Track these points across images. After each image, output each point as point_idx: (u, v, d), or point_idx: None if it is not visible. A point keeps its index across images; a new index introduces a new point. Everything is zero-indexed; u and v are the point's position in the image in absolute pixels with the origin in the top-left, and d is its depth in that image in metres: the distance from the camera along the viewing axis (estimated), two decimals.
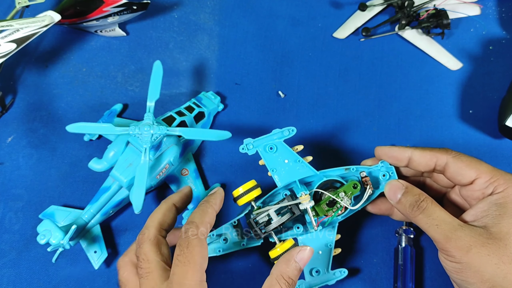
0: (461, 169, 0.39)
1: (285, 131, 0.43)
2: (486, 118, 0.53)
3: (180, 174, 0.49)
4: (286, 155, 0.43)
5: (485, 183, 0.38)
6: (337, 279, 0.43)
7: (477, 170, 0.38)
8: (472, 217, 0.37)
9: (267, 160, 0.43)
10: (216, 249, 0.43)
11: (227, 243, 0.44)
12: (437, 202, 0.39)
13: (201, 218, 0.38)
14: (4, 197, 0.49)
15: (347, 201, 0.41)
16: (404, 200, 0.40)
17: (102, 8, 0.53)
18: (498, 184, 0.37)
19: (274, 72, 0.56)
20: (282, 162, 0.43)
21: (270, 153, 0.43)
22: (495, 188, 0.37)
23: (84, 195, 0.49)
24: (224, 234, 0.44)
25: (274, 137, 0.43)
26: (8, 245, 0.48)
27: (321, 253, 0.43)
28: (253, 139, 0.43)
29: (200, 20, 0.59)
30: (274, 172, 0.43)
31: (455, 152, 0.40)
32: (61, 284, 0.46)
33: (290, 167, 0.43)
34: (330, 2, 0.60)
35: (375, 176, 0.43)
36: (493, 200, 0.37)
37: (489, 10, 0.59)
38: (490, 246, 0.35)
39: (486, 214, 0.37)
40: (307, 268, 0.43)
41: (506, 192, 0.37)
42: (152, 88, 0.46)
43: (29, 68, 0.56)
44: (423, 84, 0.55)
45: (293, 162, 0.43)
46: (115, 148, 0.46)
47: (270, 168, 0.43)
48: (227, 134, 0.44)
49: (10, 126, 0.53)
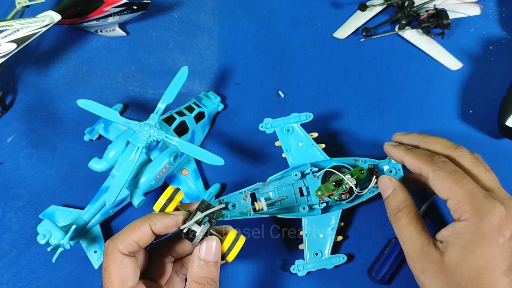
0: (436, 186, 0.37)
1: (302, 116, 0.47)
2: (486, 118, 0.53)
3: (180, 174, 0.49)
4: (301, 138, 0.46)
5: (454, 206, 0.36)
6: (335, 264, 0.45)
7: (449, 192, 0.36)
8: (441, 237, 0.37)
9: (283, 141, 0.46)
10: (224, 214, 0.44)
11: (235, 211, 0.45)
12: (417, 213, 0.39)
13: (127, 235, 0.35)
14: (4, 197, 0.49)
15: (353, 182, 0.43)
16: (388, 202, 0.41)
17: (102, 8, 0.53)
18: (463, 211, 0.35)
19: (274, 72, 0.56)
20: (297, 144, 0.46)
21: (287, 135, 0.47)
22: (460, 215, 0.36)
23: (84, 195, 0.49)
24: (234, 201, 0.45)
25: (292, 120, 0.47)
26: (8, 245, 0.48)
27: (322, 236, 0.45)
28: (272, 119, 0.47)
29: (200, 20, 0.59)
30: (288, 153, 0.46)
31: (438, 164, 0.38)
32: (61, 283, 0.46)
33: (303, 150, 0.46)
34: (330, 2, 0.60)
35: (382, 169, 0.45)
36: (456, 227, 0.36)
37: (489, 10, 0.59)
38: (438, 275, 0.35)
39: (447, 240, 0.36)
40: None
41: (468, 222, 0.35)
42: (169, 90, 0.46)
43: (29, 68, 0.56)
44: (423, 84, 0.55)
45: (307, 145, 0.46)
46: (115, 148, 0.46)
47: (284, 148, 0.46)
48: (220, 160, 0.43)
49: (10, 126, 0.53)
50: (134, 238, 0.35)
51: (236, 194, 0.46)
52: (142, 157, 0.45)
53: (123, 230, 0.36)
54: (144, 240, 0.35)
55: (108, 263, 0.35)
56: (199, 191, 0.49)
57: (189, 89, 0.55)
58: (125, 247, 0.35)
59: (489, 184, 0.38)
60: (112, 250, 0.35)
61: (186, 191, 0.48)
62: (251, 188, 0.46)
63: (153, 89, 0.55)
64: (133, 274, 0.35)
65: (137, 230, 0.35)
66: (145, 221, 0.35)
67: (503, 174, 0.50)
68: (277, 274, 0.47)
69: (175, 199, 0.37)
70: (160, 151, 0.46)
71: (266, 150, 0.52)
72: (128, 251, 0.35)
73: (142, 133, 0.43)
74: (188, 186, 0.49)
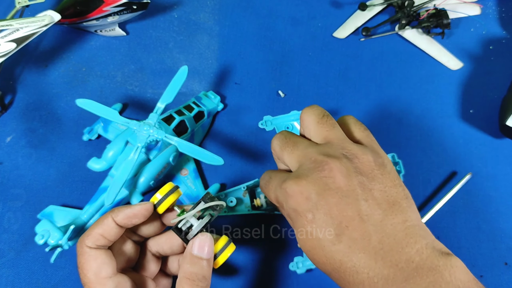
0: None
1: None
2: (486, 117, 0.53)
3: (179, 174, 0.49)
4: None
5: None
6: None
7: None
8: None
9: None
10: (223, 210, 0.45)
11: (233, 206, 0.45)
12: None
13: (92, 230, 0.36)
14: (3, 197, 0.49)
15: None
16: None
17: (102, 8, 0.53)
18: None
19: (274, 71, 0.56)
20: None
21: None
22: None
23: (83, 195, 0.49)
24: (233, 197, 0.46)
25: (291, 117, 0.47)
26: (7, 245, 0.47)
27: None
28: (272, 116, 0.47)
29: (200, 20, 0.59)
30: None
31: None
32: (60, 284, 0.46)
33: None
34: (330, 2, 0.60)
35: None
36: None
37: (489, 10, 0.59)
38: None
39: None
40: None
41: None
42: (169, 90, 0.46)
43: (28, 67, 0.56)
44: (423, 83, 0.55)
45: None
46: (114, 148, 0.45)
47: None
48: (219, 160, 0.43)
49: (9, 125, 0.53)
50: (99, 231, 0.35)
51: (235, 189, 0.46)
52: (141, 156, 0.45)
53: (91, 227, 0.36)
54: (110, 232, 0.35)
55: (80, 259, 0.35)
56: (198, 191, 0.48)
57: (188, 88, 0.55)
58: (91, 241, 0.35)
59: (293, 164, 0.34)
60: (80, 246, 0.35)
61: (186, 191, 0.48)
62: (250, 183, 0.46)
63: (153, 88, 0.55)
64: (106, 265, 0.35)
65: (100, 223, 0.36)
66: (108, 214, 0.36)
67: (504, 174, 0.50)
68: (277, 274, 0.47)
69: (172, 196, 0.37)
70: (159, 150, 0.46)
71: (266, 150, 0.52)
72: (96, 245, 0.35)
73: (141, 133, 0.43)
74: (188, 186, 0.48)
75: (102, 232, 0.35)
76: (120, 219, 0.36)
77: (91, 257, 0.35)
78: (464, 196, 0.49)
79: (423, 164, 0.51)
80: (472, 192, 0.49)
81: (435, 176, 0.50)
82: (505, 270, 0.46)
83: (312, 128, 0.35)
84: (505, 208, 0.49)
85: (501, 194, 0.49)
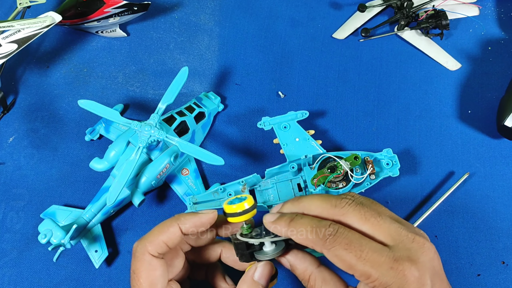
0: (338, 264, 0.32)
1: (299, 114, 0.50)
2: (484, 118, 0.53)
3: (180, 174, 0.49)
4: (298, 134, 0.49)
5: (366, 281, 0.31)
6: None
7: (355, 270, 0.31)
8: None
9: (280, 137, 0.49)
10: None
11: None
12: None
13: (155, 236, 0.34)
14: (5, 197, 0.50)
15: (347, 165, 0.44)
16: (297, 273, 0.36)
17: (103, 9, 0.53)
18: (377, 285, 0.31)
19: (274, 72, 0.56)
20: (293, 140, 0.49)
21: (284, 131, 0.49)
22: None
23: (85, 195, 0.50)
24: (231, 190, 0.47)
25: (289, 117, 0.49)
26: (10, 244, 0.48)
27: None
28: (270, 117, 0.49)
29: (200, 21, 0.59)
30: (285, 147, 0.49)
31: (329, 241, 0.32)
32: (62, 283, 0.47)
33: (300, 144, 0.48)
34: (330, 3, 0.60)
35: (379, 161, 0.47)
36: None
37: (488, 11, 0.59)
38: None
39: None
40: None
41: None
42: (170, 91, 0.46)
43: (30, 68, 0.56)
44: (422, 84, 0.56)
45: (303, 140, 0.48)
46: (116, 148, 0.46)
47: (282, 143, 0.49)
48: (220, 160, 0.43)
49: (12, 126, 0.53)
50: (163, 239, 0.34)
51: (234, 183, 0.47)
52: (142, 157, 0.45)
53: (152, 231, 0.35)
54: (173, 241, 0.34)
55: (137, 265, 0.34)
56: (199, 190, 0.49)
57: (189, 89, 0.55)
58: (154, 248, 0.34)
59: (384, 239, 0.32)
60: (141, 251, 0.34)
61: (186, 191, 0.49)
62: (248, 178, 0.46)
63: (154, 89, 0.56)
64: (162, 277, 0.34)
65: (166, 230, 0.34)
66: (174, 221, 0.35)
67: (501, 174, 0.51)
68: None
69: (252, 213, 0.36)
70: (160, 151, 0.46)
71: (266, 150, 0.52)
72: (158, 253, 0.34)
73: (142, 133, 0.43)
74: (188, 186, 0.49)
75: (167, 240, 0.34)
76: (187, 228, 0.35)
77: (151, 266, 0.34)
78: (462, 196, 0.50)
79: (421, 163, 0.51)
80: (470, 192, 0.50)
81: (433, 175, 0.51)
82: (502, 269, 0.46)
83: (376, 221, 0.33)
84: (502, 207, 0.49)
85: (499, 194, 0.50)
